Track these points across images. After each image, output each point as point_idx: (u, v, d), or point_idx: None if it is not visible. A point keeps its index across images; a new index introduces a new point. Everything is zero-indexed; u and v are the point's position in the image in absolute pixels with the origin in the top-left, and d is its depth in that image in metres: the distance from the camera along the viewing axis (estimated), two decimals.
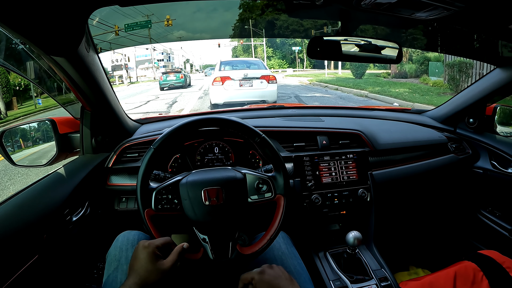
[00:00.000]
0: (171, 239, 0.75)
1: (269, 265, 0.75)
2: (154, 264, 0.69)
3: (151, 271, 0.68)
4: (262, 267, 0.74)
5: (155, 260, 0.70)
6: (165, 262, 0.71)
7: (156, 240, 0.73)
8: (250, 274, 0.73)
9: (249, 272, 0.74)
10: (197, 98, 11.10)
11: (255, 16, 23.92)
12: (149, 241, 0.72)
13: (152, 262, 0.69)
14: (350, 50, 0.95)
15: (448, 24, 0.94)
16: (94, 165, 1.13)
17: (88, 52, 0.92)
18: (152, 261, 0.69)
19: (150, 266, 0.69)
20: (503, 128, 1.46)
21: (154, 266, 0.69)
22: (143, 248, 0.70)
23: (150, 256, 0.69)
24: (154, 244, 0.71)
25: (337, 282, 1.07)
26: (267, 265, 0.74)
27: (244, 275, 0.74)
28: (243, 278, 0.74)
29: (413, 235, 1.63)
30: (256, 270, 0.73)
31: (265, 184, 0.85)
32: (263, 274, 0.72)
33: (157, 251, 0.71)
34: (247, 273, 0.74)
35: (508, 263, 0.89)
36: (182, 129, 0.83)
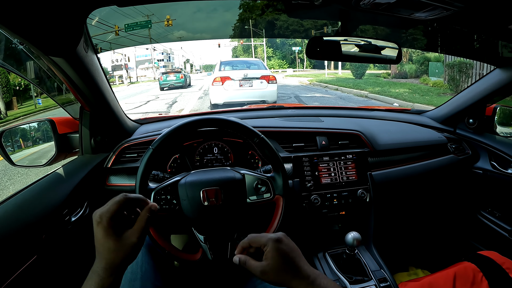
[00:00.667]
0: (125, 197, 0.59)
1: (285, 234, 0.63)
2: (116, 241, 0.56)
3: (114, 250, 0.55)
4: (278, 234, 0.61)
5: (115, 235, 0.56)
6: (130, 234, 0.58)
7: (109, 206, 0.57)
8: (261, 238, 0.61)
9: (259, 235, 0.63)
10: (197, 98, 11.10)
11: (255, 16, 23.94)
12: (101, 211, 0.57)
13: (112, 238, 0.55)
14: (350, 50, 0.95)
15: (448, 24, 0.93)
16: (93, 165, 1.13)
17: (87, 52, 0.92)
18: (111, 237, 0.55)
19: (112, 244, 0.55)
20: (503, 128, 1.46)
21: (115, 243, 0.56)
22: (97, 224, 0.56)
23: (106, 232, 0.55)
24: (106, 216, 0.56)
25: (336, 282, 1.06)
26: (284, 234, 0.63)
27: (254, 238, 0.62)
28: (253, 241, 0.62)
29: (412, 235, 1.63)
30: (271, 236, 0.61)
31: (264, 185, 0.85)
32: (279, 243, 0.60)
33: (111, 222, 0.56)
34: (257, 236, 0.63)
35: (508, 263, 0.89)
36: (180, 129, 0.83)
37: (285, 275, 0.58)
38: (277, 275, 0.58)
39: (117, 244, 0.56)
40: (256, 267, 0.59)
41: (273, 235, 0.61)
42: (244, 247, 0.64)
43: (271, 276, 0.58)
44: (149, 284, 0.79)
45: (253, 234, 0.64)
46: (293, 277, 0.57)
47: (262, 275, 0.59)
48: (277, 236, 0.61)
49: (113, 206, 0.57)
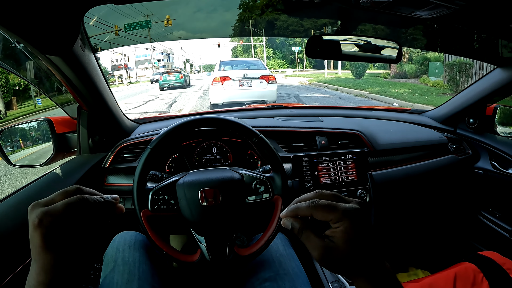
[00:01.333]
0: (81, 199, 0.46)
1: (362, 206, 0.46)
2: (56, 256, 0.43)
3: (52, 266, 0.43)
4: (356, 209, 0.44)
5: (57, 248, 0.43)
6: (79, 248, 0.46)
7: (57, 207, 0.44)
8: (332, 212, 0.44)
9: (329, 205, 0.44)
10: (196, 98, 11.10)
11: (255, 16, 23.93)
12: (42, 209, 0.43)
13: (50, 252, 0.43)
14: (350, 50, 0.95)
15: (448, 23, 0.93)
16: (91, 165, 1.12)
17: (84, 51, 0.91)
18: (50, 250, 0.43)
19: (49, 260, 0.43)
20: (503, 128, 1.46)
21: (56, 258, 0.43)
22: (33, 228, 0.42)
23: (43, 242, 0.42)
24: (48, 220, 0.42)
25: (335, 284, 1.06)
26: (362, 207, 0.46)
27: (321, 210, 0.44)
28: (319, 213, 0.44)
29: (412, 236, 1.63)
30: (348, 211, 0.44)
31: (263, 185, 0.84)
32: (358, 223, 0.44)
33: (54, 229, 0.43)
34: (326, 206, 0.44)
35: (508, 264, 0.88)
36: (179, 129, 0.82)
37: (352, 266, 0.44)
38: (342, 264, 0.44)
39: (58, 261, 0.44)
40: (317, 245, 0.44)
41: (350, 207, 0.44)
42: (301, 214, 0.47)
43: (333, 264, 0.44)
44: (146, 285, 0.78)
45: (321, 202, 0.45)
46: (361, 273, 0.44)
47: (322, 258, 0.44)
48: (357, 212, 0.44)
49: (62, 207, 0.44)
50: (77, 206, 0.45)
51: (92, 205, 0.47)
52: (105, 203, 0.49)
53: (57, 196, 0.47)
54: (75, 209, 0.45)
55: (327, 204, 0.45)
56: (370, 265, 0.44)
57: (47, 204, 0.45)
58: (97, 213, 0.48)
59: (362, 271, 0.44)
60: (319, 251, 0.44)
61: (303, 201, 0.47)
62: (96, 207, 0.48)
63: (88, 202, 0.46)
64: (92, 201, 0.47)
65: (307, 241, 0.46)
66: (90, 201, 0.47)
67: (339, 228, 0.44)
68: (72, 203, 0.45)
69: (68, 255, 0.45)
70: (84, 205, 0.46)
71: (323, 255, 0.44)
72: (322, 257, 0.44)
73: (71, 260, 0.45)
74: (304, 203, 0.46)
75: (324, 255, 0.44)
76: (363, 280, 0.44)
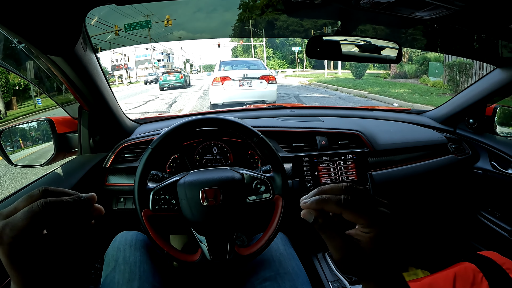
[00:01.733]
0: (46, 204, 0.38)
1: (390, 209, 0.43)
2: (24, 275, 0.38)
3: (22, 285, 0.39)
4: (388, 216, 0.41)
5: (23, 267, 0.38)
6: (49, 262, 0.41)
7: (17, 219, 0.37)
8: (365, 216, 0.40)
9: (359, 207, 0.40)
10: (196, 98, 11.10)
11: (255, 16, 23.92)
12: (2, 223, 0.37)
13: (17, 270, 0.38)
14: (350, 50, 0.95)
15: (448, 23, 0.93)
16: (92, 165, 1.13)
17: (85, 51, 0.92)
18: (16, 268, 0.38)
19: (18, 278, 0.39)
20: (503, 128, 1.46)
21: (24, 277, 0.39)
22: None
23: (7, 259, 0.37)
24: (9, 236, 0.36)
25: (335, 283, 1.06)
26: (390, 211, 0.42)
27: (351, 211, 0.40)
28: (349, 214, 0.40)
29: (412, 236, 1.63)
30: (381, 218, 0.41)
31: (263, 185, 0.84)
32: (387, 232, 0.41)
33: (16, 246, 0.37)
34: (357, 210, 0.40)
35: (508, 264, 0.89)
36: (179, 129, 0.83)
37: (368, 271, 0.42)
38: (360, 268, 0.42)
39: (28, 279, 0.39)
40: (340, 246, 0.42)
41: (384, 215, 0.41)
42: (327, 210, 0.42)
43: (351, 266, 0.42)
44: (147, 284, 0.79)
45: (353, 203, 0.40)
46: (372, 277, 0.42)
47: (342, 259, 0.42)
48: (387, 221, 0.41)
49: (22, 217, 0.37)
50: (41, 214, 0.38)
51: (60, 209, 0.40)
52: (75, 203, 0.41)
53: (20, 203, 0.40)
54: (39, 217, 0.38)
55: (362, 206, 0.41)
56: (385, 272, 0.42)
57: (8, 215, 0.38)
58: (68, 217, 0.41)
59: (375, 275, 0.42)
60: (341, 253, 0.42)
61: (330, 193, 0.42)
62: (65, 209, 0.40)
63: (55, 206, 0.39)
64: (59, 202, 0.40)
65: (330, 240, 0.43)
66: (57, 204, 0.39)
67: (367, 234, 0.41)
68: (35, 211, 0.38)
69: (40, 271, 0.40)
70: (50, 210, 0.39)
71: (345, 258, 0.42)
72: (344, 259, 0.42)
73: (46, 275, 0.40)
74: (333, 197, 0.41)
75: (346, 257, 0.42)
76: (373, 284, 0.42)
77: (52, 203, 0.39)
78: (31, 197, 0.40)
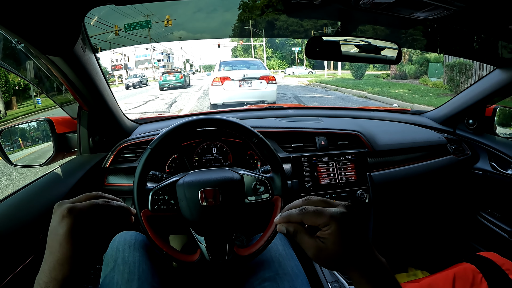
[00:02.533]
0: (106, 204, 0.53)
1: (351, 207, 0.50)
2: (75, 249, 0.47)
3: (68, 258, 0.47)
4: (343, 212, 0.48)
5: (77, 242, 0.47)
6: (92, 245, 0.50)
7: (85, 205, 0.50)
8: (320, 217, 0.47)
9: (317, 211, 0.48)
10: (196, 98, 11.10)
11: (254, 16, 23.95)
12: (72, 205, 0.49)
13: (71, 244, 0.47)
14: (350, 51, 0.95)
15: (448, 24, 0.93)
16: (91, 165, 1.13)
17: (85, 51, 0.92)
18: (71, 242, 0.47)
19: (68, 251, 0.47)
20: (502, 129, 1.46)
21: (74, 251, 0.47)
22: (61, 218, 0.47)
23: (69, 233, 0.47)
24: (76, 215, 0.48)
25: (335, 284, 1.06)
26: (350, 209, 0.49)
27: (309, 216, 0.48)
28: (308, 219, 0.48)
29: (412, 236, 1.63)
30: (335, 215, 0.47)
31: (262, 185, 0.84)
32: (345, 225, 0.47)
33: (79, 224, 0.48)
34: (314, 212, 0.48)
35: (507, 265, 0.89)
36: (179, 129, 0.83)
37: (344, 263, 0.47)
38: (334, 262, 0.48)
39: (76, 253, 0.47)
40: (310, 246, 0.48)
41: (336, 212, 0.47)
42: (292, 221, 0.50)
43: (326, 262, 0.48)
44: (146, 285, 0.79)
45: (309, 209, 0.48)
46: (354, 268, 0.47)
47: (316, 257, 0.48)
48: (342, 216, 0.47)
49: (89, 206, 0.50)
50: (101, 208, 0.51)
51: (114, 210, 0.53)
52: (124, 209, 0.56)
53: (82, 197, 0.52)
54: (99, 210, 0.51)
55: (315, 210, 0.48)
56: (361, 260, 0.47)
57: (73, 202, 0.50)
58: (115, 217, 0.55)
59: (354, 266, 0.47)
60: (312, 250, 0.48)
61: (293, 208, 0.51)
62: (116, 211, 0.54)
63: (111, 207, 0.53)
64: (115, 205, 0.54)
65: (301, 242, 0.50)
66: (112, 206, 0.53)
67: (327, 232, 0.47)
68: (97, 204, 0.51)
69: (85, 249, 0.49)
70: (107, 208, 0.52)
71: (317, 254, 0.48)
72: (316, 255, 0.48)
73: (86, 256, 0.49)
74: (294, 210, 0.50)
75: (317, 254, 0.48)
76: (357, 274, 0.47)
77: (109, 203, 0.53)
78: (89, 195, 0.53)
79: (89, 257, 0.50)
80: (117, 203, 0.54)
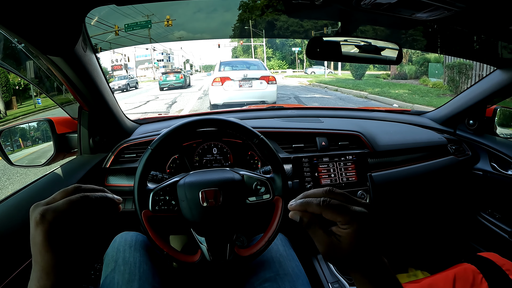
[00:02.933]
0: (83, 197, 0.46)
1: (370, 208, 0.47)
2: (57, 256, 0.43)
3: (53, 266, 0.43)
4: (365, 213, 0.45)
5: (57, 248, 0.43)
6: (80, 247, 0.46)
7: (60, 204, 0.44)
8: (343, 214, 0.45)
9: (340, 206, 0.45)
10: (196, 98, 11.10)
11: (255, 16, 23.97)
12: (46, 207, 0.44)
13: (52, 251, 0.43)
14: (350, 51, 0.95)
15: (449, 25, 0.93)
16: (92, 165, 1.13)
17: (85, 51, 0.92)
18: (51, 250, 0.43)
19: (51, 259, 0.43)
20: (503, 130, 1.46)
21: (57, 258, 0.43)
22: (35, 225, 0.43)
23: (45, 240, 0.42)
24: (51, 217, 0.43)
25: (335, 284, 1.06)
26: (369, 209, 0.47)
27: (332, 210, 0.45)
28: (329, 213, 0.45)
29: (412, 237, 1.63)
30: (358, 214, 0.45)
31: (263, 186, 0.84)
32: (365, 226, 0.45)
33: (56, 227, 0.43)
34: (337, 207, 0.45)
35: (508, 265, 0.89)
36: (179, 129, 0.83)
37: (352, 264, 0.46)
38: (344, 261, 0.46)
39: (59, 261, 0.43)
40: (323, 241, 0.46)
41: (359, 211, 0.45)
42: (310, 211, 0.47)
43: (336, 259, 0.47)
44: (147, 285, 0.79)
45: (333, 202, 0.45)
46: (358, 268, 0.46)
47: (326, 253, 0.47)
48: (364, 217, 0.45)
49: (64, 204, 0.44)
50: (79, 204, 0.45)
51: (94, 202, 0.47)
52: (106, 199, 0.49)
53: (58, 195, 0.46)
54: (77, 207, 0.45)
55: (338, 205, 0.45)
56: (368, 263, 0.46)
57: (48, 203, 0.45)
58: (99, 211, 0.49)
59: (359, 267, 0.46)
60: (324, 246, 0.46)
61: (313, 197, 0.48)
62: (98, 204, 0.48)
63: (90, 200, 0.47)
64: (94, 198, 0.47)
65: (314, 235, 0.48)
66: (92, 198, 0.47)
67: (346, 230, 0.45)
68: (74, 201, 0.45)
69: (70, 254, 0.44)
70: (86, 203, 0.46)
71: (328, 251, 0.46)
72: (327, 252, 0.47)
73: (72, 260, 0.45)
74: (314, 200, 0.47)
75: (329, 250, 0.46)
76: (359, 274, 0.46)
77: (88, 197, 0.46)
78: (66, 191, 0.47)
79: (78, 260, 0.46)
80: (96, 195, 0.48)
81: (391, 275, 0.47)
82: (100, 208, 0.48)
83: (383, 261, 0.46)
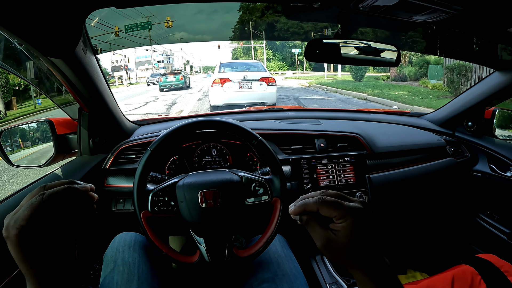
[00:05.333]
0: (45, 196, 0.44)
1: (365, 204, 0.49)
2: (32, 265, 0.43)
3: (33, 275, 0.43)
4: (359, 208, 0.47)
5: (30, 256, 0.43)
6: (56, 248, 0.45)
7: (21, 212, 0.43)
8: (337, 209, 0.47)
9: (334, 202, 0.47)
10: (196, 99, 11.11)
11: (255, 18, 24.01)
12: (9, 218, 0.44)
13: (26, 261, 0.42)
14: (349, 53, 0.95)
15: (447, 27, 0.94)
16: (92, 166, 1.13)
17: (85, 53, 0.92)
18: (25, 259, 0.42)
19: (28, 269, 0.43)
20: (501, 131, 1.46)
21: (33, 267, 0.43)
22: (6, 239, 0.43)
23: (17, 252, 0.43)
24: (15, 228, 0.42)
25: (333, 285, 1.06)
26: (364, 206, 0.49)
27: (327, 206, 0.47)
28: (325, 209, 0.47)
29: (411, 238, 1.63)
30: (352, 209, 0.47)
31: (261, 187, 0.85)
32: (360, 220, 0.47)
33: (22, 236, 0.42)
34: (332, 203, 0.47)
35: (506, 267, 0.89)
36: (179, 131, 0.83)
37: (350, 258, 0.47)
38: (341, 256, 0.47)
39: (39, 269, 0.42)
40: (321, 236, 0.48)
41: (353, 206, 0.47)
42: (308, 210, 0.49)
43: (334, 254, 0.48)
44: (146, 285, 0.79)
45: (328, 199, 0.47)
46: (358, 266, 0.47)
47: (324, 248, 0.48)
48: (359, 211, 0.47)
49: (26, 211, 0.42)
50: (40, 205, 0.43)
51: (61, 196, 0.45)
52: (68, 190, 0.47)
53: (23, 201, 0.45)
54: (39, 208, 0.43)
55: (333, 201, 0.47)
56: (367, 260, 0.47)
57: (16, 212, 0.44)
58: (70, 204, 0.47)
59: (359, 264, 0.47)
60: (322, 241, 0.48)
61: (310, 198, 0.50)
62: (65, 197, 0.46)
63: (51, 196, 0.44)
64: (54, 193, 0.45)
65: (312, 231, 0.50)
66: (52, 195, 0.44)
67: (341, 224, 0.46)
68: (33, 203, 0.43)
69: (48, 259, 0.43)
70: (48, 201, 0.44)
71: (325, 245, 0.48)
72: (324, 246, 0.48)
73: (56, 263, 0.44)
74: (311, 199, 0.49)
75: (326, 245, 0.48)
76: (361, 272, 0.47)
77: (49, 195, 0.44)
78: (31, 195, 0.45)
79: (64, 260, 0.45)
80: (59, 188, 0.45)
81: (392, 275, 0.48)
82: (71, 201, 0.47)
83: (384, 260, 0.48)
